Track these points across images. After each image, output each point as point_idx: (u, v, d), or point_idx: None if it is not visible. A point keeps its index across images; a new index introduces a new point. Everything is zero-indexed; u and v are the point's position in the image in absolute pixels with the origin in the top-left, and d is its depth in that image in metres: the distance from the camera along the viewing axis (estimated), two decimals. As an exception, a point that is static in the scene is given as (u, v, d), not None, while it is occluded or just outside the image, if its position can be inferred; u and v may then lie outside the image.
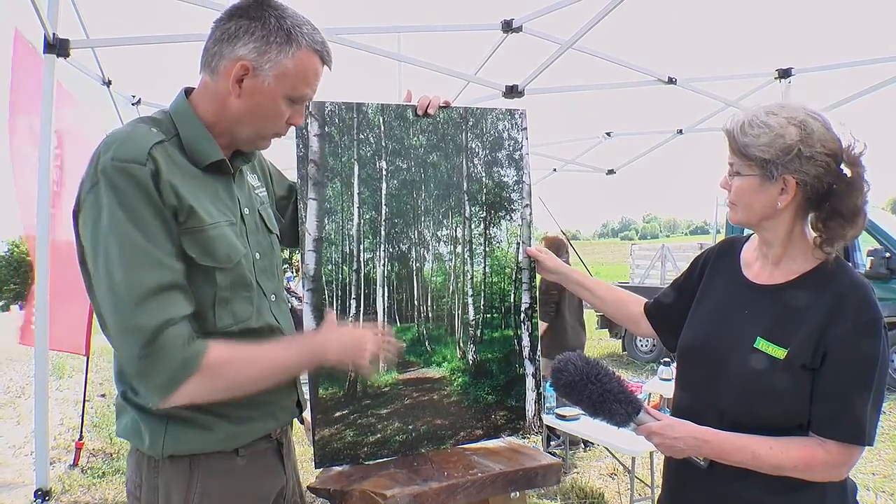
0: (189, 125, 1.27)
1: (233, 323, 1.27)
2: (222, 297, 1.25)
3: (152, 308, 1.11)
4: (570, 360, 1.34)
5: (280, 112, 1.29)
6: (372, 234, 1.73)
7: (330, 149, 1.69)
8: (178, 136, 1.25)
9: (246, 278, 1.30)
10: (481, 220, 1.85)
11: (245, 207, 1.36)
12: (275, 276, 1.43)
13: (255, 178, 1.49)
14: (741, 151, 1.29)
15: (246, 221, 1.35)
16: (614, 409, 1.31)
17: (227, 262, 1.24)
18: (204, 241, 1.20)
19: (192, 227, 1.19)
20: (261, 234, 1.41)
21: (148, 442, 1.23)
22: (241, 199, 1.36)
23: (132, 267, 1.11)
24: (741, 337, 1.32)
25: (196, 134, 1.27)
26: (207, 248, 1.21)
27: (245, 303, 1.30)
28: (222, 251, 1.23)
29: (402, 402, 1.73)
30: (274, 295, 1.40)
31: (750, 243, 1.46)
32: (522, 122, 1.90)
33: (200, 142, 1.27)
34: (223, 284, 1.24)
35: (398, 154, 1.77)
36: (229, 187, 1.34)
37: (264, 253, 1.40)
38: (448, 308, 1.81)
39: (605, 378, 1.32)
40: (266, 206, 1.49)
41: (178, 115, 1.28)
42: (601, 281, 1.84)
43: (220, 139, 1.30)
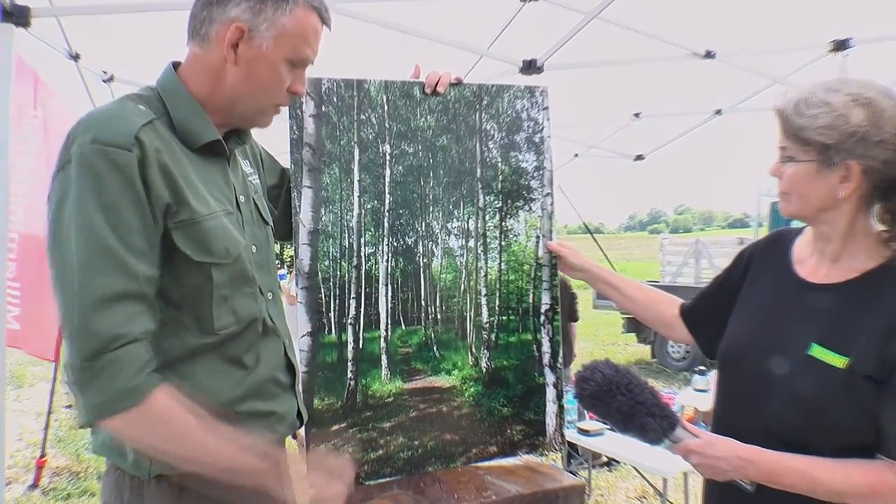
0: (180, 102, 1.26)
1: (234, 322, 1.26)
2: (221, 295, 1.24)
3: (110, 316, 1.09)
4: (596, 367, 1.33)
5: (281, 79, 1.28)
6: (374, 225, 1.73)
7: (327, 131, 1.69)
8: (168, 116, 1.25)
9: (247, 273, 1.30)
10: (496, 210, 1.85)
11: (241, 195, 1.36)
12: (271, 272, 1.43)
13: (247, 164, 1.49)
14: (796, 134, 1.28)
15: (242, 210, 1.35)
16: (647, 423, 1.30)
17: (226, 256, 1.24)
18: (199, 234, 1.20)
19: (185, 220, 1.18)
20: (256, 225, 1.40)
21: (132, 459, 1.22)
22: (236, 185, 1.36)
23: (91, 267, 1.09)
24: (793, 342, 1.30)
25: (188, 112, 1.26)
26: (204, 243, 1.20)
27: (248, 299, 1.30)
28: (220, 244, 1.23)
29: (407, 415, 1.73)
30: (271, 293, 1.40)
31: (803, 237, 1.44)
32: (543, 101, 1.89)
33: (193, 121, 1.26)
34: (221, 281, 1.24)
35: (404, 137, 1.76)
36: (224, 172, 1.33)
37: (260, 246, 1.39)
38: (459, 309, 1.81)
39: (637, 388, 1.31)
40: (260, 194, 1.48)
41: (167, 91, 1.27)
42: (631, 280, 1.84)
43: (215, 117, 1.29)
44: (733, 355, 1.41)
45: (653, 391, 1.32)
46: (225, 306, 1.25)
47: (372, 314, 1.73)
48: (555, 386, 1.87)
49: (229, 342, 1.27)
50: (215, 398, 1.24)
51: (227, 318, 1.26)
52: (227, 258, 1.24)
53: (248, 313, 1.30)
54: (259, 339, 1.33)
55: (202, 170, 1.26)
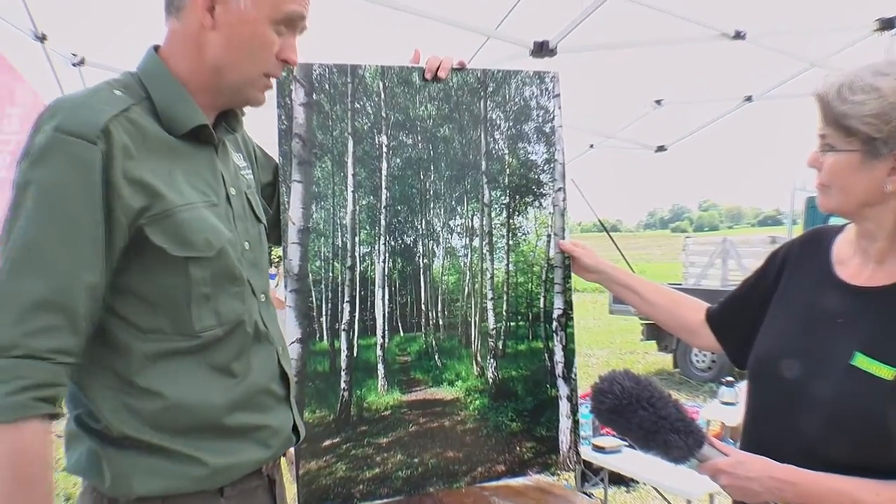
0: (162, 85, 1.27)
1: (216, 324, 1.26)
2: (201, 293, 1.24)
3: (17, 322, 1.08)
4: (615, 379, 1.33)
5: (267, 41, 1.28)
6: (370, 223, 1.73)
7: (319, 121, 1.69)
8: (150, 101, 1.25)
9: (232, 270, 1.29)
10: (503, 207, 1.85)
11: (231, 187, 1.36)
12: (264, 273, 1.44)
13: (240, 158, 1.49)
14: (838, 122, 1.27)
15: (233, 203, 1.35)
16: (671, 440, 1.29)
17: (206, 248, 1.24)
18: (174, 226, 1.20)
19: (157, 213, 1.18)
20: (249, 221, 1.41)
21: (110, 480, 1.21)
22: (227, 177, 1.36)
23: (19, 264, 1.09)
24: (833, 351, 1.30)
25: (172, 95, 1.26)
26: (180, 235, 1.20)
27: (234, 300, 1.30)
28: (199, 236, 1.23)
29: (406, 430, 1.73)
30: (263, 295, 1.40)
31: (844, 235, 1.44)
32: (554, 88, 1.89)
33: (177, 104, 1.26)
34: (200, 278, 1.24)
35: (402, 127, 1.76)
36: (212, 162, 1.33)
37: (253, 243, 1.40)
38: (463, 314, 1.81)
39: (660, 402, 1.30)
40: (253, 191, 1.49)
41: (148, 74, 1.28)
42: (651, 282, 1.83)
43: (201, 97, 1.30)
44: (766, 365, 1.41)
45: (677, 405, 1.32)
46: (206, 306, 1.25)
47: (367, 319, 1.73)
48: (569, 399, 1.87)
49: (214, 347, 1.27)
50: (199, 410, 1.24)
51: (208, 319, 1.25)
52: (207, 251, 1.24)
53: (233, 315, 1.29)
54: (250, 345, 1.33)
55: (186, 159, 1.27)
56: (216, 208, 1.29)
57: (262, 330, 1.37)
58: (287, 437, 1.42)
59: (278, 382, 1.40)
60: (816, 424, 1.28)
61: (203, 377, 1.26)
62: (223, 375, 1.28)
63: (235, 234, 1.32)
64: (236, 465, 1.30)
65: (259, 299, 1.38)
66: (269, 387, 1.37)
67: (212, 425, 1.25)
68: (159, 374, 1.21)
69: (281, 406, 1.41)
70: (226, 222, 1.31)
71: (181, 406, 1.22)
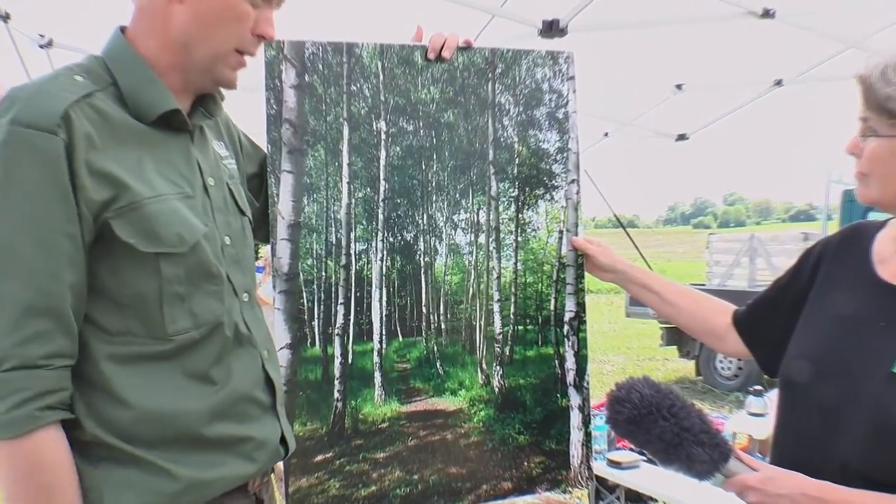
0: (129, 68, 1.27)
1: (191, 327, 1.27)
2: (173, 292, 1.25)
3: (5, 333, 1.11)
4: (633, 386, 1.33)
5: (240, 13, 1.28)
6: (366, 218, 1.73)
7: (311, 105, 1.69)
8: (116, 86, 1.26)
9: (209, 267, 1.30)
10: (512, 200, 1.85)
11: (209, 177, 1.37)
12: (248, 270, 1.44)
13: (222, 146, 1.50)
14: (881, 105, 1.27)
15: (211, 195, 1.36)
16: (695, 454, 1.29)
17: (178, 244, 1.24)
18: (142, 219, 1.20)
19: (124, 206, 1.19)
20: (231, 213, 1.41)
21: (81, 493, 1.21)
22: (205, 166, 1.37)
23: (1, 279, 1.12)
24: (875, 358, 1.30)
25: (139, 78, 1.27)
26: (149, 229, 1.21)
27: (211, 299, 1.30)
28: (170, 230, 1.23)
29: (404, 443, 1.73)
30: (247, 294, 1.41)
31: (886, 231, 1.44)
32: (569, 70, 1.89)
33: (145, 88, 1.27)
34: (172, 276, 1.24)
35: (402, 112, 1.76)
36: (186, 150, 1.34)
37: (235, 238, 1.40)
38: (467, 317, 1.81)
39: (683, 412, 1.30)
40: (237, 181, 1.49)
41: (113, 57, 1.28)
42: (672, 282, 1.83)
43: (171, 78, 1.30)
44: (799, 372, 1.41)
45: (701, 415, 1.32)
46: (180, 307, 1.25)
47: (363, 323, 1.73)
48: (581, 409, 1.88)
49: (189, 352, 1.27)
50: (174, 419, 1.24)
51: (182, 320, 1.26)
52: (179, 247, 1.24)
53: (210, 316, 1.30)
54: (231, 349, 1.34)
55: (157, 147, 1.27)
56: (190, 200, 1.30)
57: (244, 332, 1.37)
58: (274, 450, 1.42)
59: (263, 389, 1.40)
60: (855, 437, 1.28)
61: (178, 384, 1.26)
62: (201, 382, 1.29)
63: (213, 228, 1.33)
64: (217, 480, 1.30)
65: (241, 299, 1.38)
66: (253, 394, 1.37)
67: (189, 436, 1.25)
68: (129, 380, 1.22)
69: (267, 415, 1.41)
70: (202, 215, 1.31)
71: (153, 416, 1.23)
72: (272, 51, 1.65)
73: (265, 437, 1.39)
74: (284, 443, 1.46)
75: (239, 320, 1.37)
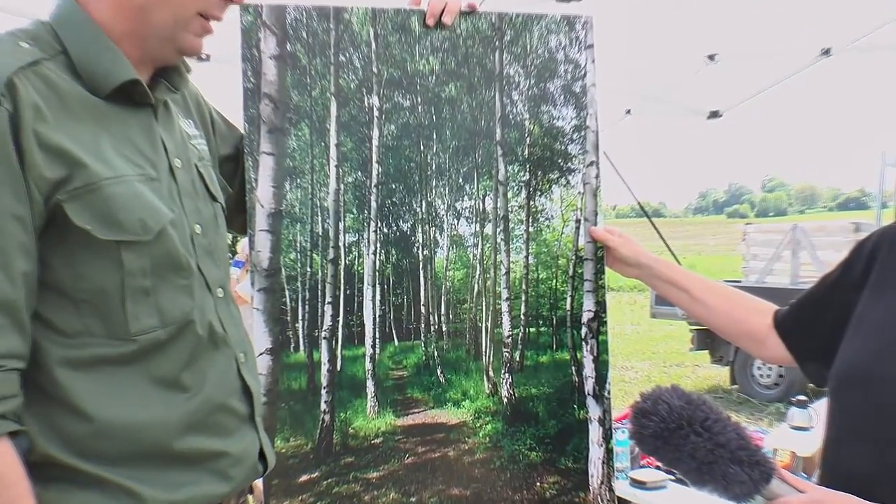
0: (81, 34, 1.26)
1: (157, 325, 1.27)
2: (137, 286, 1.24)
3: None
4: (661, 397, 1.32)
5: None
6: (357, 206, 1.73)
7: (294, 77, 1.68)
8: (66, 54, 1.25)
9: (177, 257, 1.30)
10: (522, 185, 1.84)
11: (176, 158, 1.37)
12: (221, 263, 1.44)
13: (190, 125, 1.50)
14: None
15: (178, 178, 1.36)
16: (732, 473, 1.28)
17: (141, 231, 1.24)
18: (101, 202, 1.20)
19: (80, 188, 1.18)
20: (201, 199, 1.41)
21: None
22: (170, 146, 1.37)
23: None
24: None
25: (92, 45, 1.26)
26: (108, 214, 1.20)
27: (180, 294, 1.30)
28: (132, 215, 1.23)
29: (400, 461, 1.73)
30: (221, 289, 1.41)
31: None
32: (587, 37, 1.89)
33: (100, 56, 1.26)
34: (136, 268, 1.24)
35: (397, 85, 1.76)
36: (149, 128, 1.33)
37: (207, 226, 1.40)
38: (471, 318, 1.81)
39: (717, 425, 1.29)
40: (207, 164, 1.49)
41: (62, 22, 1.27)
42: (704, 278, 1.83)
43: (127, 47, 1.29)
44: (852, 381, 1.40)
45: (738, 429, 1.31)
46: (145, 303, 1.25)
47: (354, 325, 1.73)
48: (601, 422, 1.87)
49: (156, 354, 1.27)
50: (141, 433, 1.24)
51: (147, 318, 1.25)
52: (143, 234, 1.24)
53: (179, 313, 1.30)
54: (204, 351, 1.33)
55: (115, 123, 1.27)
56: (154, 183, 1.29)
57: (219, 332, 1.37)
58: (252, 467, 1.42)
59: (240, 397, 1.40)
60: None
61: (144, 392, 1.26)
62: (170, 389, 1.28)
63: (181, 215, 1.33)
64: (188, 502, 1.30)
65: (215, 295, 1.39)
66: (228, 403, 1.37)
67: (158, 452, 1.25)
68: (87, 388, 1.21)
69: (244, 427, 1.41)
70: (168, 200, 1.31)
71: (116, 428, 1.22)
72: (249, 16, 1.65)
73: (242, 452, 1.39)
74: (263, 458, 1.46)
75: (213, 318, 1.36)
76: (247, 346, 1.47)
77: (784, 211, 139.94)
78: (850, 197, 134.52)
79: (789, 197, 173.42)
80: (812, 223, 10.46)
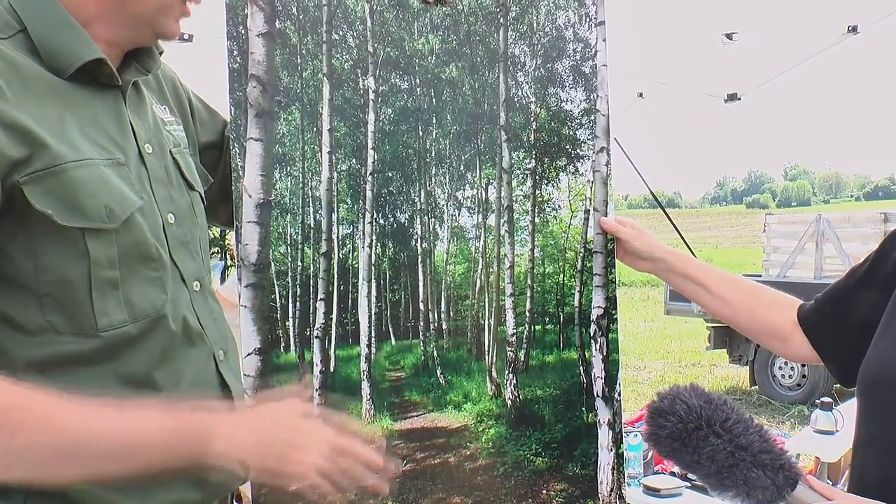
0: (40, 12, 1.26)
1: (126, 320, 1.27)
2: (104, 278, 1.24)
3: None
4: (678, 396, 1.32)
5: None
6: (352, 195, 1.72)
7: (284, 57, 1.68)
8: (26, 33, 1.25)
9: (147, 247, 1.30)
10: (528, 173, 1.84)
11: (146, 144, 1.37)
12: (198, 254, 1.45)
13: (165, 110, 1.50)
14: None
15: (147, 163, 1.36)
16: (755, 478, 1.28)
17: (107, 218, 1.24)
18: (63, 186, 1.20)
19: (41, 170, 1.18)
20: (175, 187, 1.41)
21: None
22: (140, 130, 1.37)
23: None
24: None
25: (53, 24, 1.26)
26: (71, 199, 1.20)
27: (150, 286, 1.31)
28: (96, 201, 1.23)
29: (398, 468, 1.73)
30: (198, 282, 1.41)
31: None
32: (597, 13, 1.89)
33: (61, 35, 1.26)
34: (103, 258, 1.24)
35: (395, 66, 1.75)
36: (117, 111, 1.34)
37: (182, 216, 1.40)
38: (473, 316, 1.81)
39: (739, 426, 1.29)
40: (183, 150, 1.49)
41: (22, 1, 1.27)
42: (723, 272, 1.83)
43: (97, 28, 1.30)
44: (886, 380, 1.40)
45: (761, 431, 1.31)
46: (113, 296, 1.25)
47: (348, 323, 1.73)
48: (611, 426, 1.88)
49: (126, 351, 1.27)
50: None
51: (116, 312, 1.26)
52: (109, 222, 1.24)
53: (149, 306, 1.30)
54: (178, 348, 1.34)
55: (80, 105, 1.27)
56: (122, 168, 1.29)
57: (195, 328, 1.38)
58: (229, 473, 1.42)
59: (219, 397, 1.41)
60: None
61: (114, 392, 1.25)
62: (141, 388, 1.28)
63: (151, 202, 1.33)
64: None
65: (191, 288, 1.39)
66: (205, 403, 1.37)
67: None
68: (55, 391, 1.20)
69: None
70: (137, 186, 1.31)
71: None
72: None
73: None
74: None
75: (188, 313, 1.37)
76: (228, 344, 1.48)
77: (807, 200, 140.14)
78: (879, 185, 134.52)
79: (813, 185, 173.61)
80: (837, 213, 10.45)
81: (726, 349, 9.85)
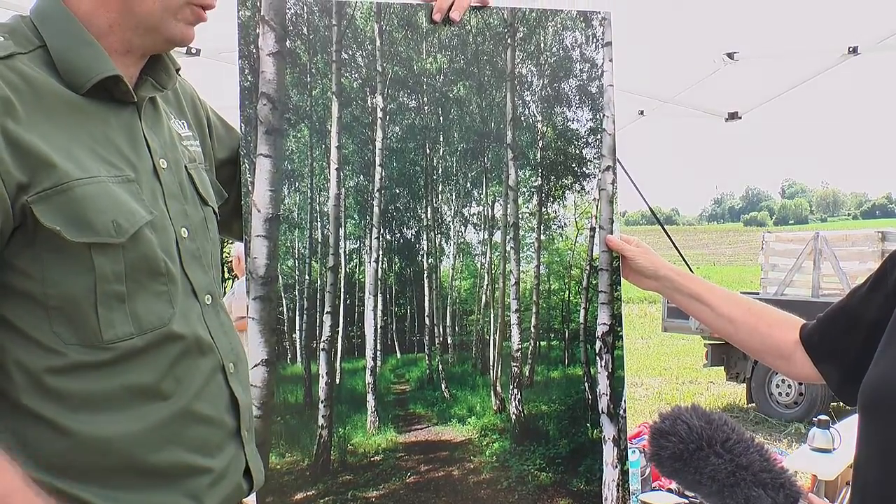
0: (60, 28, 1.28)
1: (133, 332, 1.27)
2: (111, 291, 1.25)
3: None
4: (679, 416, 1.33)
5: None
6: (359, 211, 1.73)
7: (294, 76, 1.69)
8: (45, 49, 1.27)
9: (155, 262, 1.30)
10: (534, 190, 1.85)
11: (161, 159, 1.38)
12: (210, 268, 1.45)
13: (183, 126, 1.51)
14: None
15: (162, 178, 1.36)
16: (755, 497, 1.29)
17: (114, 233, 1.25)
18: (71, 203, 1.21)
19: (49, 189, 1.19)
20: (189, 202, 1.42)
21: None
22: (155, 146, 1.38)
23: None
24: None
25: (71, 39, 1.27)
26: (78, 215, 1.21)
27: (157, 300, 1.31)
28: (104, 217, 1.23)
29: (402, 480, 1.73)
30: (209, 296, 1.42)
31: None
32: (605, 34, 1.90)
33: (79, 51, 1.27)
34: (109, 272, 1.25)
35: (403, 85, 1.76)
36: (130, 127, 1.35)
37: (195, 230, 1.41)
38: (478, 331, 1.81)
39: (739, 446, 1.30)
40: (198, 166, 1.50)
41: (42, 17, 1.29)
42: (726, 291, 1.83)
43: (111, 41, 1.31)
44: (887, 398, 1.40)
45: (762, 450, 1.32)
46: (119, 309, 1.26)
47: (354, 336, 1.73)
48: (616, 442, 1.88)
49: (133, 363, 1.27)
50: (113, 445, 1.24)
51: (122, 325, 1.26)
52: (116, 236, 1.25)
53: (156, 320, 1.30)
54: (186, 360, 1.34)
55: (94, 122, 1.28)
56: (131, 185, 1.30)
57: (206, 340, 1.38)
58: (235, 486, 1.42)
59: (227, 409, 1.41)
60: None
61: (119, 402, 1.26)
62: (149, 398, 1.29)
63: (163, 217, 1.33)
64: None
65: (203, 301, 1.39)
66: (213, 415, 1.37)
67: (130, 465, 1.25)
68: (59, 400, 1.22)
69: (229, 442, 1.41)
70: (149, 201, 1.31)
71: (90, 441, 1.22)
72: (247, 10, 1.65)
73: (224, 469, 1.39)
74: (249, 475, 1.46)
75: (199, 326, 1.37)
76: (238, 357, 1.47)
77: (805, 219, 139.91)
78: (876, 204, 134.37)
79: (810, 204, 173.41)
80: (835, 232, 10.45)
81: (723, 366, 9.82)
